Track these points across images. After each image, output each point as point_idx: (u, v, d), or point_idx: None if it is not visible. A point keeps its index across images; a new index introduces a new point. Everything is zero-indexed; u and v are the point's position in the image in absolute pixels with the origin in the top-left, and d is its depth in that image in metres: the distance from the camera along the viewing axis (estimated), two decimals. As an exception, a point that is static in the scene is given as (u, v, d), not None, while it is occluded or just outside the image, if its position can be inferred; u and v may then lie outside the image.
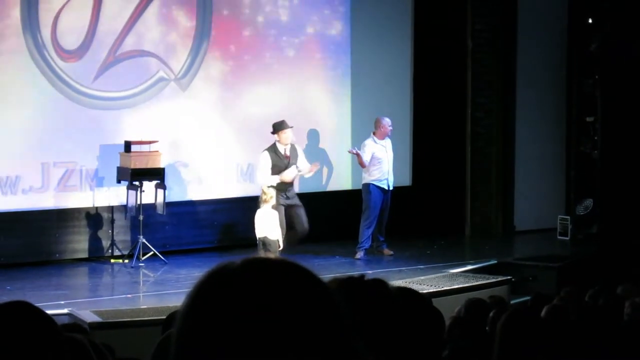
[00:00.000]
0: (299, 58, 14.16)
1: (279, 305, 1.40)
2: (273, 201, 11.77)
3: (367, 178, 13.27)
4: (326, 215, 13.09)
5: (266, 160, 12.34)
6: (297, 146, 12.62)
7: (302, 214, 12.21)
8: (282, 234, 11.87)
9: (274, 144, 12.42)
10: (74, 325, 6.01)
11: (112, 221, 13.04)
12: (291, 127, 12.39)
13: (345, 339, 1.43)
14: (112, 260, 12.86)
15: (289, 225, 12.26)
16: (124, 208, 12.81)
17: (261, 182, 12.28)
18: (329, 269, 11.96)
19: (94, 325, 8.98)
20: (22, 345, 2.20)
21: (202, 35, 13.54)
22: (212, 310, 1.42)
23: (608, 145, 14.08)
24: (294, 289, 1.43)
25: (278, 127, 12.37)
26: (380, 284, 2.51)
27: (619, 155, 13.79)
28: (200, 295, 1.45)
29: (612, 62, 13.88)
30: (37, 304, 2.50)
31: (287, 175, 12.29)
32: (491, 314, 6.15)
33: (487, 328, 6.08)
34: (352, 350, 1.44)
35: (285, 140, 12.35)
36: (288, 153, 12.35)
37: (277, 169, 12.32)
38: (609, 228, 13.83)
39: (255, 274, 1.44)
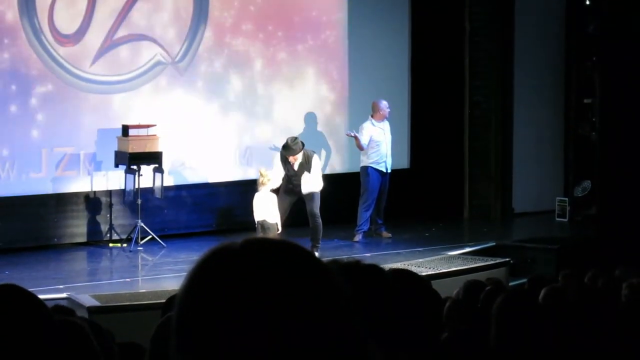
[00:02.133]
0: (297, 41, 14.13)
1: (279, 286, 1.40)
2: (271, 184, 11.74)
3: (366, 161, 13.26)
4: (324, 198, 13.06)
5: (277, 166, 12.19)
6: (314, 160, 12.13)
7: (308, 199, 12.14)
8: (281, 219, 11.83)
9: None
10: (63, 308, 5.97)
11: (111, 205, 13.04)
12: (297, 152, 11.96)
13: (346, 319, 1.43)
14: (111, 245, 12.87)
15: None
16: (122, 192, 12.81)
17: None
18: (328, 252, 11.98)
19: (93, 310, 8.98)
20: (8, 328, 2.19)
21: (199, 18, 13.51)
22: (212, 291, 1.41)
23: (606, 127, 14.06)
24: (295, 270, 1.43)
25: (283, 148, 12.23)
26: (376, 270, 2.51)
27: (617, 137, 13.77)
28: (200, 275, 1.45)
29: (610, 43, 13.85)
30: (35, 289, 2.50)
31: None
32: (485, 295, 6.15)
33: (484, 310, 6.08)
34: (353, 331, 1.44)
35: (292, 160, 12.14)
36: (296, 168, 12.13)
37: (285, 174, 12.14)
38: (607, 210, 13.82)
39: (257, 255, 1.43)
